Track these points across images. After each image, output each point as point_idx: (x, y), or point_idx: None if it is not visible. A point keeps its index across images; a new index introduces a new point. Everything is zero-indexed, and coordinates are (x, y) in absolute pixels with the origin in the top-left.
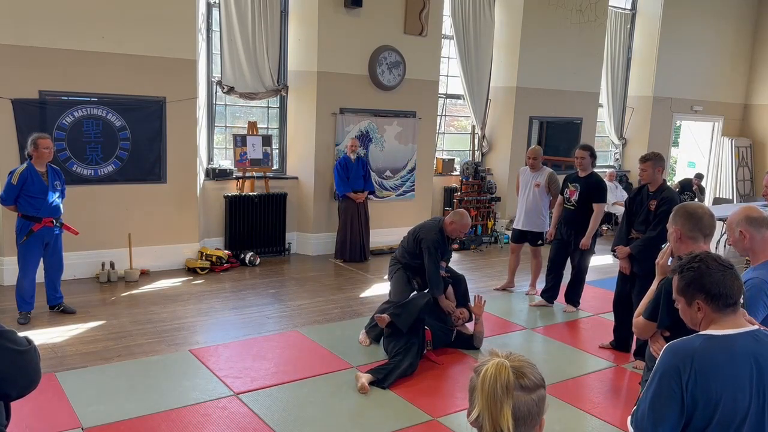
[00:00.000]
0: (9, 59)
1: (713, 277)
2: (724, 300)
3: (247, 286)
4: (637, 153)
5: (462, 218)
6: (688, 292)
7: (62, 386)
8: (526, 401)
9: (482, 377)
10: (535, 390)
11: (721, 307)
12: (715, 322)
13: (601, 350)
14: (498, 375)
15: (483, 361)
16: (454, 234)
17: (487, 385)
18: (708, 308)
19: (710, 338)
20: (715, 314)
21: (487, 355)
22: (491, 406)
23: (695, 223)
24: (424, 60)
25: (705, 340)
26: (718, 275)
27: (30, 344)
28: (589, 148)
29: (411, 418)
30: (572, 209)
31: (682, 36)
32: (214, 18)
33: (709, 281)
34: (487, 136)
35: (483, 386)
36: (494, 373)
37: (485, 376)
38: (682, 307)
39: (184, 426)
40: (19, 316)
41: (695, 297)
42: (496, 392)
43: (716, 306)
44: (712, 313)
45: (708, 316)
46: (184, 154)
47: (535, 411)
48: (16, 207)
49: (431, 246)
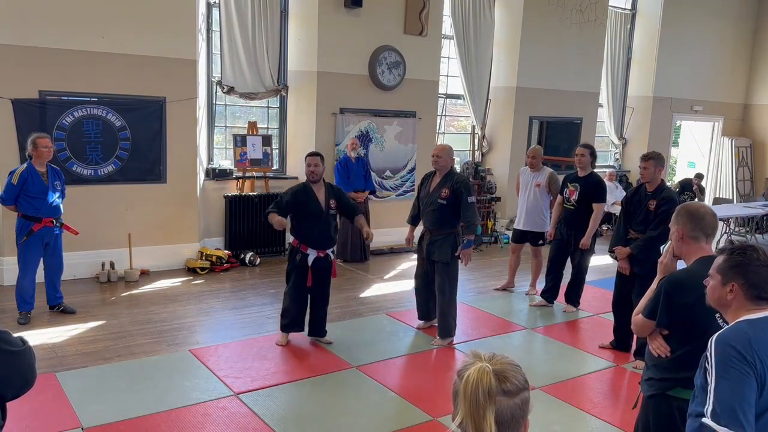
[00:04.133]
0: (9, 59)
1: (758, 269)
2: (758, 292)
3: (247, 286)
4: (637, 153)
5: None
6: (729, 273)
7: (62, 386)
8: (509, 405)
9: (464, 383)
10: (518, 394)
11: (754, 298)
12: (745, 309)
13: (601, 350)
14: (480, 381)
15: (466, 364)
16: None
17: (469, 392)
18: (741, 295)
19: (752, 322)
20: (747, 302)
21: (470, 356)
22: (474, 412)
23: (697, 222)
24: (424, 60)
25: (748, 324)
26: (763, 270)
27: (25, 344)
28: (589, 147)
29: (411, 418)
30: (572, 209)
31: (682, 36)
32: (214, 18)
33: (753, 271)
34: (487, 136)
35: (465, 392)
36: (476, 379)
37: (467, 382)
38: (714, 285)
39: (184, 426)
40: (19, 316)
41: (734, 280)
42: (478, 399)
43: (750, 295)
44: (744, 300)
45: (738, 302)
46: (184, 154)
47: (519, 414)
48: (16, 207)
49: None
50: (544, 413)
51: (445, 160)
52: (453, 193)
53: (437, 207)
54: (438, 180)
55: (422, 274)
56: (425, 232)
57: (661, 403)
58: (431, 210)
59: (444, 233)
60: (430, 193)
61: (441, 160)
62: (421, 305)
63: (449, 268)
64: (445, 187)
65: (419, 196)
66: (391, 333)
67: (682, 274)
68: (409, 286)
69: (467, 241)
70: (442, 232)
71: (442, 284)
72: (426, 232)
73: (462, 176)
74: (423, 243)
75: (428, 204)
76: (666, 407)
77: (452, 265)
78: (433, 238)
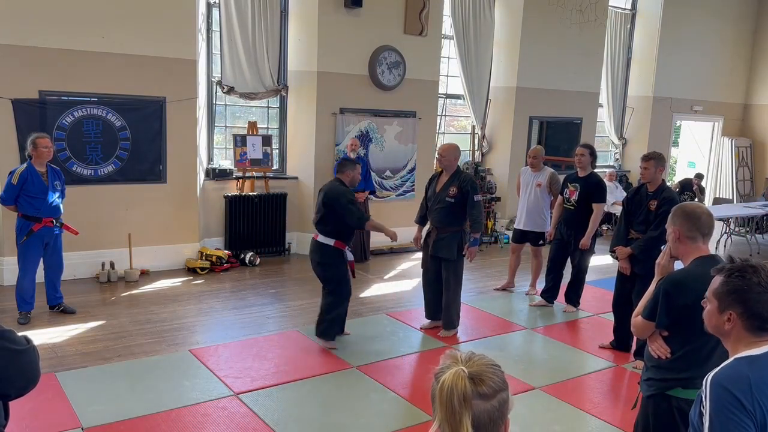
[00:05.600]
0: (9, 59)
1: (760, 296)
2: (760, 323)
3: (247, 286)
4: (637, 153)
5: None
6: (726, 299)
7: (62, 386)
8: (486, 409)
9: (440, 388)
10: (494, 396)
11: (755, 329)
12: (744, 342)
13: (601, 350)
14: (454, 386)
15: (442, 366)
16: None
17: (445, 397)
18: (740, 325)
19: (753, 360)
20: (747, 333)
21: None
22: (450, 417)
23: (693, 222)
24: (424, 60)
25: (749, 363)
26: (766, 296)
27: (29, 343)
28: (589, 147)
29: (411, 418)
30: (572, 209)
31: (682, 36)
32: (214, 18)
33: (754, 298)
34: (487, 136)
35: (441, 398)
36: (450, 385)
37: (442, 388)
38: (711, 310)
39: (184, 426)
40: (19, 316)
41: (731, 308)
42: (453, 405)
43: (750, 325)
44: (743, 331)
45: (737, 332)
46: (184, 154)
47: (497, 416)
48: (16, 207)
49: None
50: (544, 413)
51: (449, 159)
52: (461, 191)
53: (445, 205)
54: (445, 179)
55: (427, 271)
56: (432, 230)
57: (661, 403)
58: (439, 208)
59: (451, 231)
60: (437, 192)
61: (445, 159)
62: (429, 304)
63: (456, 265)
64: (453, 186)
65: (426, 196)
66: (391, 333)
67: (680, 274)
68: (409, 286)
69: (474, 239)
70: (449, 229)
71: (448, 280)
72: (433, 230)
73: (469, 175)
74: (429, 240)
75: (436, 202)
76: (666, 407)
77: (459, 262)
78: (440, 236)
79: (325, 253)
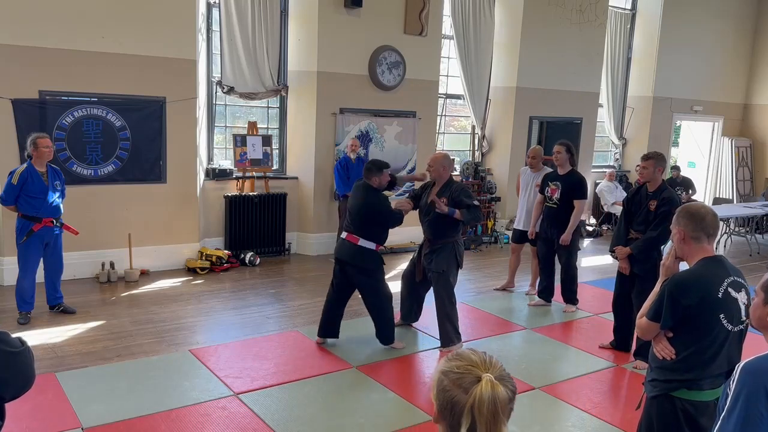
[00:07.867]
0: (9, 59)
1: None
2: None
3: (247, 286)
4: (637, 153)
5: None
6: None
7: (62, 386)
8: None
9: (479, 401)
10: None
11: None
12: None
13: (601, 350)
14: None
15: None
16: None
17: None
18: None
19: None
20: None
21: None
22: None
23: (698, 223)
24: (424, 60)
25: None
26: None
27: (23, 345)
28: (565, 144)
29: (411, 418)
30: (554, 207)
31: (682, 36)
32: (214, 18)
33: None
34: (487, 136)
35: (481, 408)
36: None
37: (482, 401)
38: (757, 302)
39: (184, 426)
40: (19, 316)
41: None
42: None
43: None
44: None
45: None
46: (184, 154)
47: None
48: (16, 207)
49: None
50: (544, 413)
51: (437, 170)
52: (452, 202)
53: (436, 217)
54: (436, 191)
55: (408, 274)
56: (424, 242)
57: (665, 404)
58: (430, 220)
59: (442, 242)
60: (428, 203)
61: (433, 170)
62: (403, 306)
63: (447, 277)
64: (444, 197)
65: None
66: None
67: (685, 275)
68: None
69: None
70: (440, 241)
71: (440, 295)
72: (425, 242)
73: (460, 185)
74: (422, 251)
75: (427, 213)
76: (670, 408)
77: (451, 274)
78: (432, 248)
79: (368, 258)
